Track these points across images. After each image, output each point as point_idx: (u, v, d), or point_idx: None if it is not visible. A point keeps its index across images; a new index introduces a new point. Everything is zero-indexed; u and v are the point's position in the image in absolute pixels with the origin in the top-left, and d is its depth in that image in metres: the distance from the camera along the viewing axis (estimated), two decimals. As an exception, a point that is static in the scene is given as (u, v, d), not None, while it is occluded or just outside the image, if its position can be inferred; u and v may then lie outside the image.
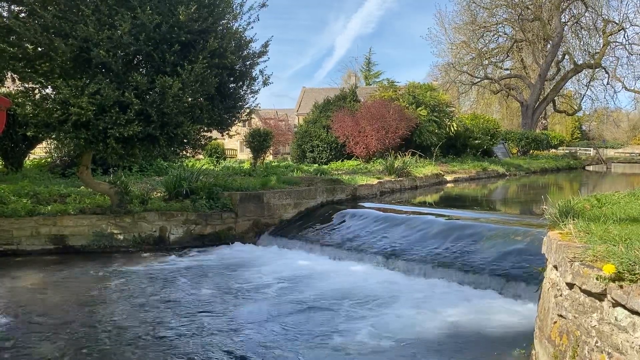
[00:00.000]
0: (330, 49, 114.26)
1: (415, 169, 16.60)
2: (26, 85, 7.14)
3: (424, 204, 12.60)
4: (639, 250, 2.71)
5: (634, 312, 2.42)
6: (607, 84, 40.38)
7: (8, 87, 9.15)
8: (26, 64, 6.77)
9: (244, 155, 33.17)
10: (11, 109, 6.52)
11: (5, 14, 6.60)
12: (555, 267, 3.36)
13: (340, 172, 15.14)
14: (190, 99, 7.04)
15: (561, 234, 3.61)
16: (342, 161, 19.71)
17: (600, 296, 2.67)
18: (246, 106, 8.29)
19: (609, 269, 2.58)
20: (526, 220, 8.27)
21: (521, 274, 5.76)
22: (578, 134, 62.90)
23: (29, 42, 6.48)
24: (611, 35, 37.89)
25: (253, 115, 9.34)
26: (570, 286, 3.00)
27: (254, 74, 8.03)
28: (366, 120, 19.35)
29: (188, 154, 8.51)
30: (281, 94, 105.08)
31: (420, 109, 21.66)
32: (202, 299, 5.85)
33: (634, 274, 2.53)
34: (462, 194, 15.71)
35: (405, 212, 9.13)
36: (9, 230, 7.99)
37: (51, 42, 6.29)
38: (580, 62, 39.15)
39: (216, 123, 8.00)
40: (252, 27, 7.82)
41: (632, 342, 2.43)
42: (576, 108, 44.81)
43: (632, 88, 39.82)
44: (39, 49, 6.61)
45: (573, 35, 40.59)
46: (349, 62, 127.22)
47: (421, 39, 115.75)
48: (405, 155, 18.13)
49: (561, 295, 3.17)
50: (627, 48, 38.24)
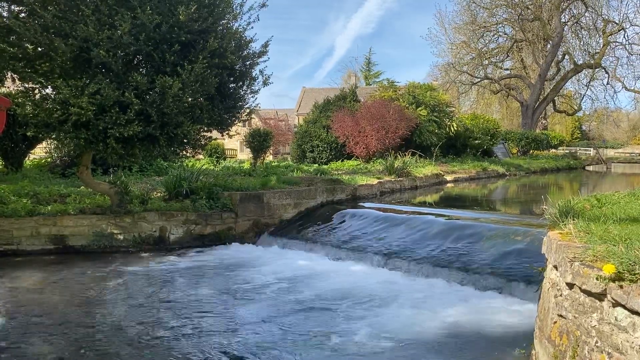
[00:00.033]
0: (330, 49, 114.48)
1: (415, 169, 16.60)
2: (26, 85, 7.14)
3: (424, 204, 12.59)
4: (639, 250, 2.71)
5: (634, 312, 2.42)
6: (607, 84, 40.45)
7: (8, 87, 9.15)
8: (26, 64, 6.77)
9: (244, 155, 33.17)
10: (11, 109, 6.52)
11: (5, 14, 6.60)
12: (555, 267, 3.36)
13: (340, 172, 15.14)
14: (190, 99, 7.04)
15: (561, 234, 3.61)
16: (342, 161, 19.70)
17: (600, 296, 2.67)
18: (246, 106, 8.29)
19: (609, 269, 2.58)
20: (526, 220, 8.26)
21: (521, 274, 5.76)
22: (578, 134, 62.92)
23: (29, 42, 6.48)
24: (611, 35, 37.90)
25: (253, 115, 9.34)
26: (570, 286, 3.00)
27: (254, 74, 8.03)
28: (366, 120, 19.34)
29: (188, 154, 8.51)
30: (281, 94, 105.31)
31: (420, 109, 21.66)
32: (201, 299, 5.85)
33: (634, 274, 2.53)
34: (462, 194, 15.71)
35: (405, 212, 9.13)
36: (9, 230, 7.99)
37: (51, 42, 6.29)
38: (580, 62, 39.17)
39: (216, 123, 8.00)
40: (252, 27, 7.85)
41: (632, 342, 2.43)
42: (576, 108, 44.82)
43: (632, 88, 39.89)
44: (39, 49, 6.61)
45: (573, 35, 40.63)
46: (349, 62, 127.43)
47: (421, 39, 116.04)
48: (405, 155, 18.12)
49: (561, 295, 3.17)
50: (627, 48, 38.32)
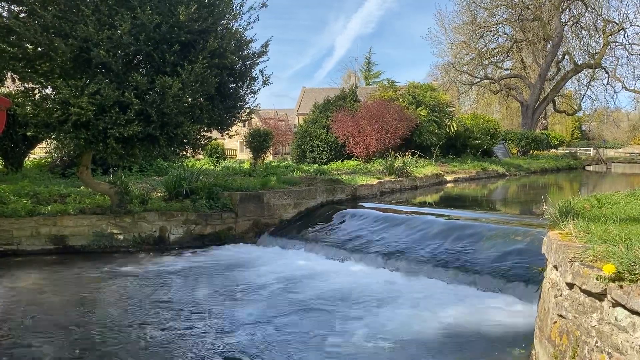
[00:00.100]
0: (330, 49, 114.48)
1: (415, 169, 16.60)
2: (26, 85, 7.14)
3: (424, 204, 12.59)
4: (639, 250, 2.71)
5: (634, 312, 2.42)
6: (607, 84, 40.45)
7: (8, 87, 9.15)
8: (26, 64, 6.77)
9: (244, 155, 33.16)
10: (11, 109, 6.52)
11: (5, 14, 6.59)
12: (555, 267, 3.36)
13: (340, 172, 15.14)
14: (190, 99, 7.04)
15: (561, 234, 3.61)
16: (342, 161, 19.70)
17: (600, 296, 2.67)
18: (246, 106, 8.29)
19: (609, 269, 2.58)
20: (526, 220, 8.26)
21: (521, 274, 5.76)
22: (578, 134, 62.93)
23: (29, 42, 6.48)
24: (611, 35, 37.90)
25: (253, 115, 9.34)
26: (570, 286, 3.00)
27: (254, 74, 8.03)
28: (366, 121, 19.34)
29: (188, 154, 8.51)
30: (281, 94, 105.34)
31: (420, 109, 21.65)
32: (200, 300, 5.84)
33: (634, 274, 2.53)
34: (462, 194, 15.71)
35: (405, 212, 9.12)
36: (9, 230, 7.99)
37: (51, 42, 6.29)
38: (580, 62, 39.17)
39: (216, 123, 8.00)
40: (252, 27, 7.84)
41: (632, 342, 2.43)
42: (576, 108, 44.81)
43: (632, 88, 39.89)
44: (39, 49, 6.60)
45: (573, 35, 40.64)
46: (349, 62, 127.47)
47: (421, 39, 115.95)
48: (405, 155, 18.12)
49: (561, 295, 3.17)
50: (627, 48, 38.32)
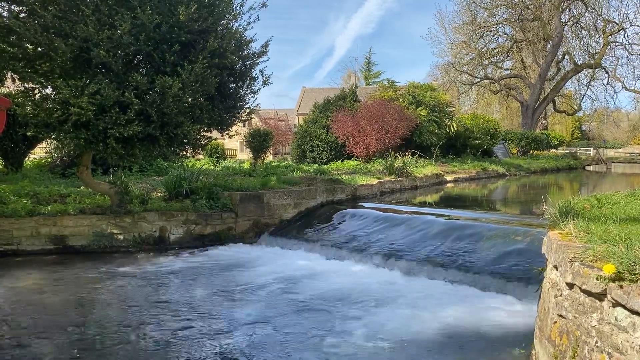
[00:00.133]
0: (330, 49, 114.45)
1: (415, 169, 16.60)
2: (26, 85, 7.14)
3: (424, 204, 12.59)
4: (639, 250, 2.71)
5: (634, 312, 2.42)
6: (607, 84, 40.44)
7: (8, 87, 9.15)
8: (26, 64, 6.77)
9: (244, 155, 33.17)
10: (11, 109, 6.52)
11: (5, 14, 6.60)
12: (555, 267, 3.36)
13: (340, 172, 15.13)
14: (190, 99, 7.04)
15: (561, 234, 3.61)
16: (342, 161, 19.70)
17: (600, 296, 2.67)
18: (246, 106, 8.29)
19: (609, 269, 2.58)
20: (526, 220, 8.26)
21: (521, 274, 5.76)
22: (578, 134, 62.92)
23: (29, 42, 6.48)
24: (611, 35, 37.89)
25: (253, 115, 9.34)
26: (570, 286, 3.00)
27: (254, 74, 8.03)
28: (366, 120, 19.34)
29: (188, 154, 8.51)
30: (281, 94, 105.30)
31: (420, 109, 21.65)
32: (199, 300, 5.84)
33: (634, 274, 2.53)
34: (462, 194, 15.71)
35: (405, 212, 9.12)
36: (9, 230, 7.99)
37: (51, 42, 6.29)
38: (580, 62, 39.16)
39: (216, 123, 8.00)
40: (252, 27, 7.84)
41: (632, 342, 2.43)
42: (576, 108, 44.81)
43: (632, 88, 39.87)
44: (39, 49, 6.60)
45: (573, 35, 40.63)
46: (349, 62, 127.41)
47: (421, 39, 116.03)
48: (405, 155, 18.11)
49: (561, 295, 3.17)
50: (627, 48, 38.31)
